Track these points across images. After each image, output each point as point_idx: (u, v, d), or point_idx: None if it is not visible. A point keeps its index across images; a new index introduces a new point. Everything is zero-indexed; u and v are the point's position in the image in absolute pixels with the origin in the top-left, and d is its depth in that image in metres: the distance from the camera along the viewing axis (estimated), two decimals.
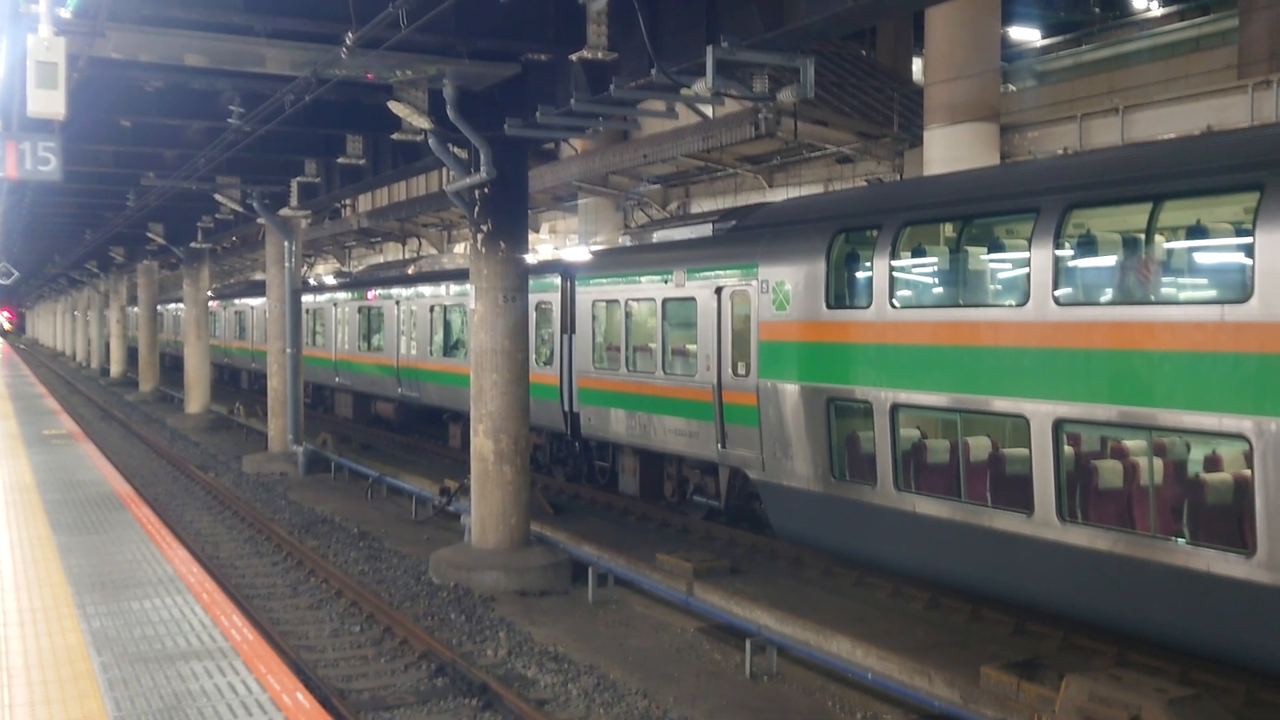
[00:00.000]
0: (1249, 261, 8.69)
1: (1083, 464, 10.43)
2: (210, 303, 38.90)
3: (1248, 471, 8.78)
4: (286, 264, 24.62)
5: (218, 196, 24.56)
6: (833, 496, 12.75)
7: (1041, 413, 10.19)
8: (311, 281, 36.68)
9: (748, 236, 14.69)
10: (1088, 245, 10.49)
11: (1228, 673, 9.67)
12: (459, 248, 36.86)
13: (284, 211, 23.94)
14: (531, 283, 16.98)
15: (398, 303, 26.79)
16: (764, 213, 15.42)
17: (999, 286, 11.65)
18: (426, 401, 25.66)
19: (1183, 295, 10.03)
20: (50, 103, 9.49)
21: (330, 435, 25.68)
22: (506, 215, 14.62)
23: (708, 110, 20.51)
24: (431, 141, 14.24)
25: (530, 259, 17.35)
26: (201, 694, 7.22)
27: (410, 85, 13.46)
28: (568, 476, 20.34)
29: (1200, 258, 10.04)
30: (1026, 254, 10.43)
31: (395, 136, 15.44)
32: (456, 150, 14.54)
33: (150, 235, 34.09)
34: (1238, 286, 9.01)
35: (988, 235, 11.77)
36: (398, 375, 26.74)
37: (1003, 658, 10.11)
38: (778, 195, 22.91)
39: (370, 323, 28.81)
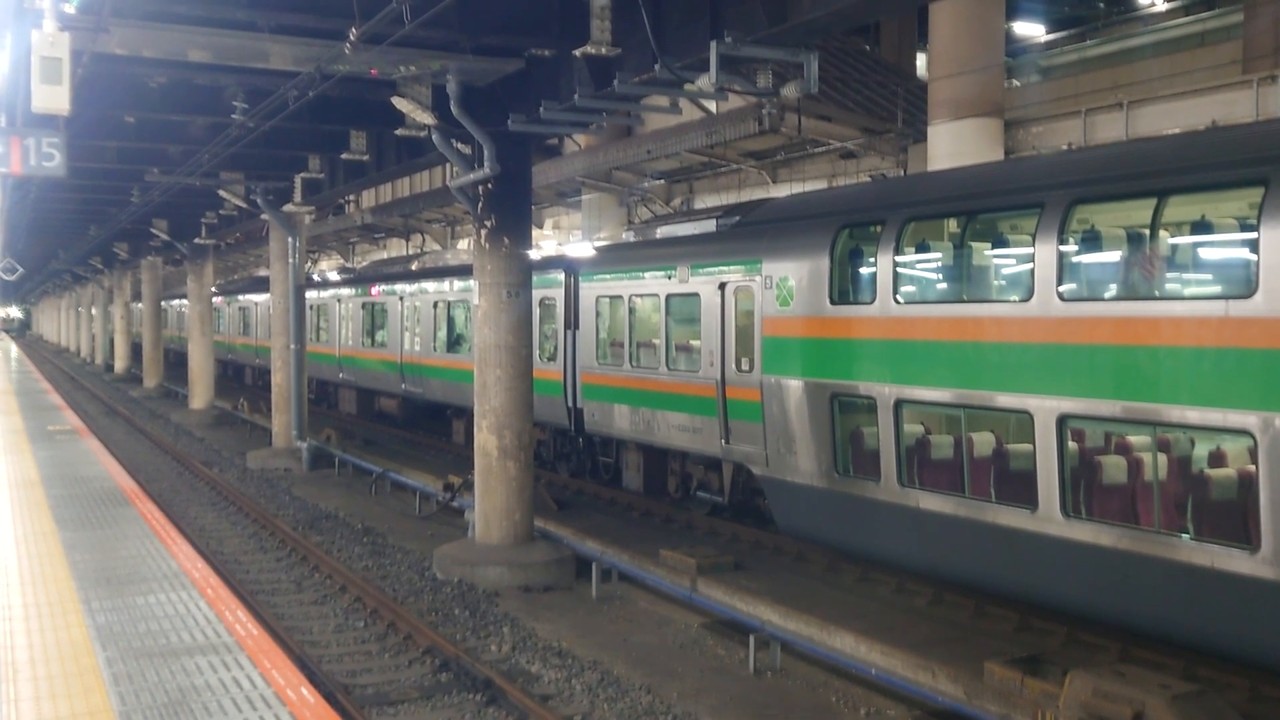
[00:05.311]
0: (1253, 257, 8.66)
1: (1087, 460, 10.41)
2: (214, 299, 38.92)
3: (1252, 467, 8.76)
4: (290, 260, 24.63)
5: (222, 192, 24.57)
6: (837, 492, 12.75)
7: (1045, 408, 10.17)
8: (315, 277, 36.71)
9: (751, 232, 14.68)
10: (1092, 241, 10.47)
11: (1231, 669, 9.66)
12: (463, 243, 36.89)
13: (288, 207, 23.94)
14: (535, 278, 16.98)
15: (401, 298, 26.79)
16: (768, 208, 15.41)
17: (1003, 282, 11.63)
18: (430, 397, 25.67)
19: (1187, 291, 10.02)
20: (55, 98, 9.51)
21: (334, 431, 25.70)
22: (510, 211, 14.62)
23: (711, 106, 20.52)
24: (435, 137, 14.24)
25: (534, 255, 17.35)
26: (206, 689, 7.24)
27: (414, 81, 13.45)
28: (571, 472, 20.34)
29: (1205, 253, 10.02)
30: (1030, 249, 10.41)
31: (399, 132, 15.44)
32: (460, 146, 14.53)
33: (154, 231, 34.12)
34: (1242, 282, 8.99)
35: (992, 231, 11.75)
36: (401, 371, 26.76)
37: (1006, 653, 10.09)
38: (781, 191, 22.90)
39: (374, 318, 28.83)
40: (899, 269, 11.97)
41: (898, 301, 11.91)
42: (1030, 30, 33.80)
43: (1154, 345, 9.34)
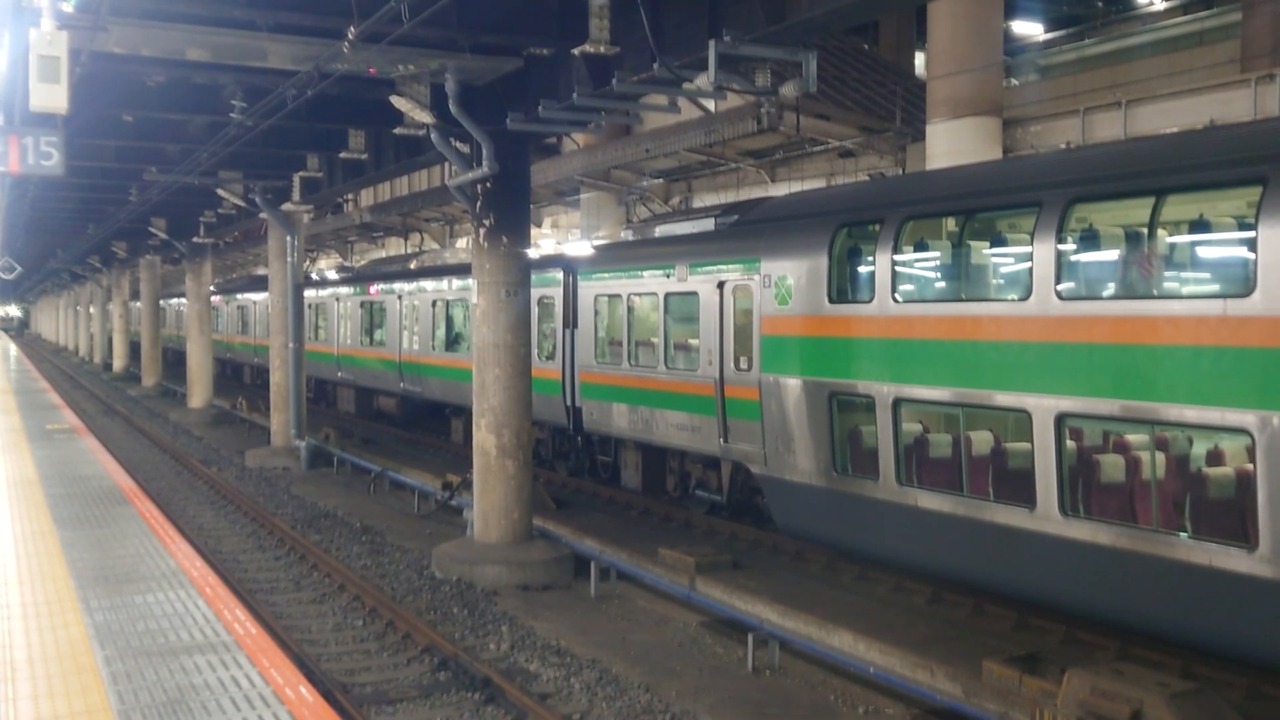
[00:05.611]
0: (1251, 256, 8.68)
1: (1085, 458, 10.42)
2: (213, 297, 38.91)
3: (1250, 466, 8.77)
4: (289, 259, 24.63)
5: (220, 191, 24.56)
6: (835, 491, 12.75)
7: (1044, 407, 10.18)
8: (314, 276, 36.70)
9: (750, 231, 14.68)
10: (1090, 239, 10.48)
11: (1229, 667, 9.67)
12: (461, 242, 36.89)
13: (286, 206, 23.94)
14: (534, 277, 16.98)
15: (400, 297, 26.80)
16: (766, 207, 15.41)
17: (1001, 281, 11.64)
18: (429, 396, 25.67)
19: (1185, 289, 10.02)
20: (53, 97, 9.51)
21: (333, 430, 25.69)
22: (509, 210, 14.62)
23: (710, 104, 20.53)
24: (434, 136, 14.24)
25: (532, 254, 17.35)
26: (205, 687, 7.24)
27: (412, 80, 13.46)
28: (570, 471, 20.35)
29: (1203, 252, 10.03)
30: (1029, 248, 10.42)
31: (397, 131, 15.43)
32: (459, 145, 14.53)
33: (153, 230, 34.12)
34: (1240, 281, 9.00)
35: (990, 230, 11.76)
36: (400, 370, 26.76)
37: (1005, 652, 10.10)
38: (780, 190, 22.91)
39: (372, 317, 28.83)
40: (897, 268, 11.98)
41: (896, 300, 11.91)
42: (1029, 29, 33.85)
43: (1152, 344, 9.35)
